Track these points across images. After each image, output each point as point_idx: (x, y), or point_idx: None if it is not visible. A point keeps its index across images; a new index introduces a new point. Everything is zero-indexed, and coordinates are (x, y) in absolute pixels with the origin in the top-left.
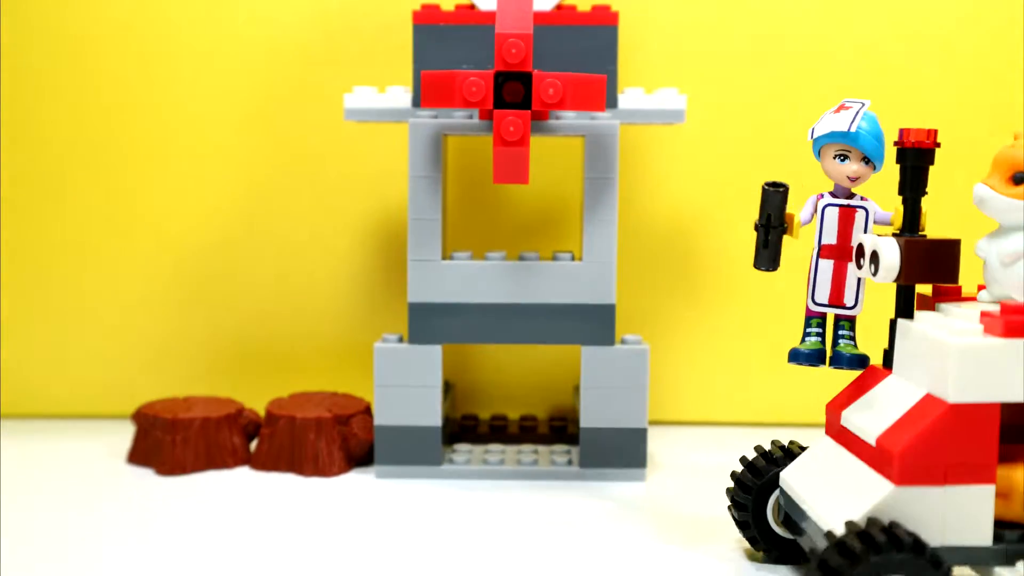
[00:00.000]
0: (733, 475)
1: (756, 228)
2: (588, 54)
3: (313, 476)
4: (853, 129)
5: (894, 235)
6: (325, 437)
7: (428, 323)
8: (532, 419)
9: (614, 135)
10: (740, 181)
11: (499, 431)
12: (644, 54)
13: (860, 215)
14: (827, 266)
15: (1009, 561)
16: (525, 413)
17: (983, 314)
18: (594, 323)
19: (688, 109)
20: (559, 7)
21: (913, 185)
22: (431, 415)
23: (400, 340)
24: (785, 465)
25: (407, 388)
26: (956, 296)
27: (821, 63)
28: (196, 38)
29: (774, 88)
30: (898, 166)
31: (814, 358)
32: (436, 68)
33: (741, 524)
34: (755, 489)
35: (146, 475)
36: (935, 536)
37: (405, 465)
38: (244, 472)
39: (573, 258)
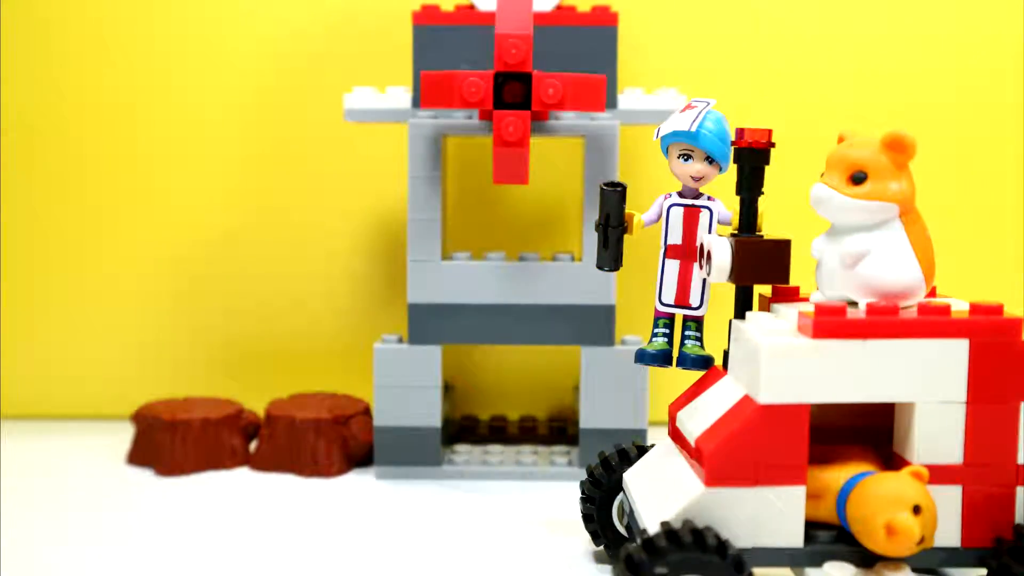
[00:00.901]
0: (588, 469)
1: (596, 228)
2: (588, 54)
3: (312, 477)
4: (694, 129)
5: (732, 235)
6: (324, 438)
7: (428, 323)
8: (532, 420)
9: (614, 135)
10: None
11: (499, 432)
12: (644, 54)
13: (704, 215)
14: (673, 266)
15: (817, 562)
16: (525, 414)
17: (800, 315)
18: (594, 323)
19: None
20: (559, 7)
21: (750, 185)
22: (431, 416)
23: (400, 340)
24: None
25: (407, 389)
26: (794, 297)
27: (821, 63)
28: (196, 38)
29: (773, 88)
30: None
31: (659, 359)
32: (436, 68)
33: (586, 517)
34: (604, 485)
35: (146, 476)
36: (746, 537)
37: (405, 466)
38: (243, 473)
39: (573, 259)
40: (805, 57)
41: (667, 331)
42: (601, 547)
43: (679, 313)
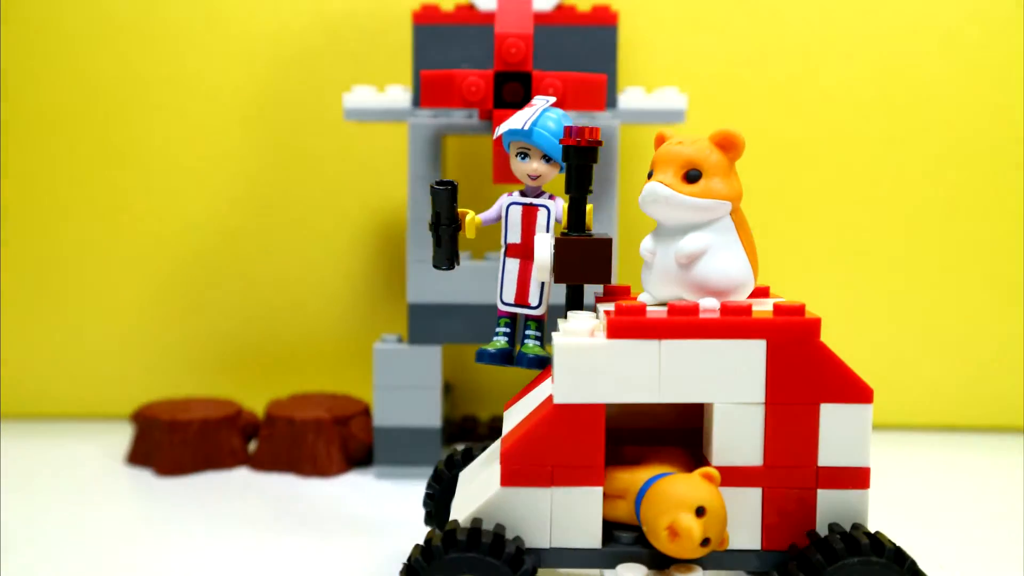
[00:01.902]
0: (436, 467)
1: (429, 228)
2: (588, 54)
3: (312, 477)
4: (527, 127)
5: (563, 234)
6: (324, 438)
7: (428, 323)
8: None
9: (614, 135)
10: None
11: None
12: (644, 54)
13: (542, 214)
14: (513, 266)
15: (612, 563)
16: None
17: (605, 315)
18: None
19: (688, 109)
20: (559, 7)
21: (578, 184)
22: (431, 416)
23: (400, 340)
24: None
25: (407, 389)
26: (625, 296)
27: (821, 63)
28: (195, 38)
29: (774, 88)
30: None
31: (498, 358)
32: (436, 68)
33: (427, 516)
34: (444, 482)
35: (145, 476)
36: (543, 538)
37: (405, 466)
38: (243, 473)
39: None
40: (805, 56)
41: (508, 330)
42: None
43: (519, 312)
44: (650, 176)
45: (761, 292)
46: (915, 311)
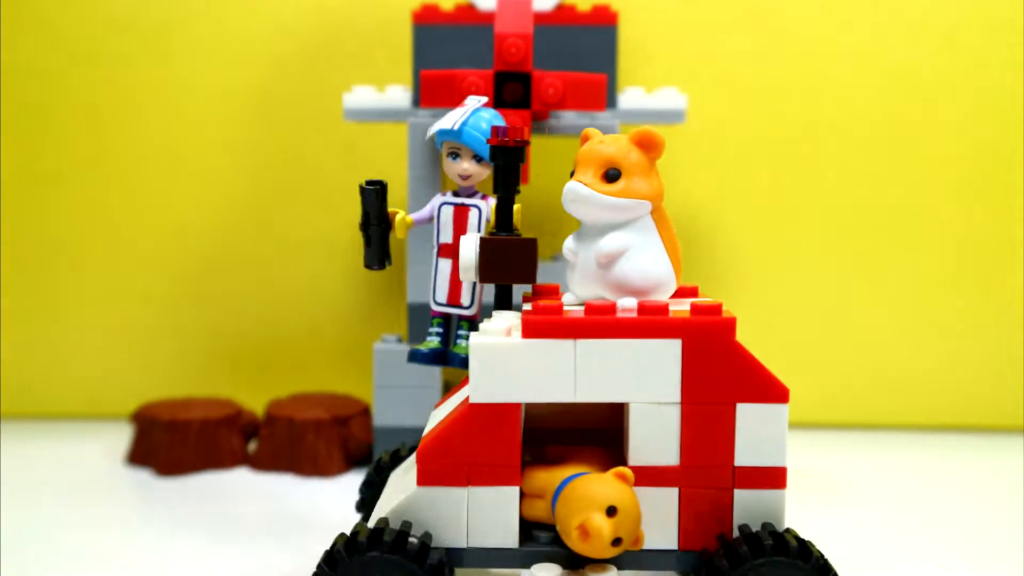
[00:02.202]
0: (367, 473)
1: (359, 228)
2: (588, 54)
3: (312, 477)
4: (456, 127)
5: (491, 234)
6: (324, 438)
7: (428, 323)
8: None
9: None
10: (740, 181)
11: None
12: (644, 54)
13: (473, 214)
14: (445, 266)
15: (528, 563)
16: None
17: (523, 313)
18: None
19: (688, 109)
20: (559, 7)
21: (505, 184)
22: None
23: (399, 340)
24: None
25: (406, 389)
26: (553, 295)
27: (821, 63)
28: (195, 37)
29: (774, 88)
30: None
31: (429, 358)
32: (436, 68)
33: (363, 517)
34: (375, 483)
35: (145, 476)
36: (460, 537)
37: None
38: (243, 473)
39: None
40: (806, 56)
41: (441, 330)
42: None
43: (452, 313)
44: (572, 175)
45: (689, 292)
46: (915, 311)
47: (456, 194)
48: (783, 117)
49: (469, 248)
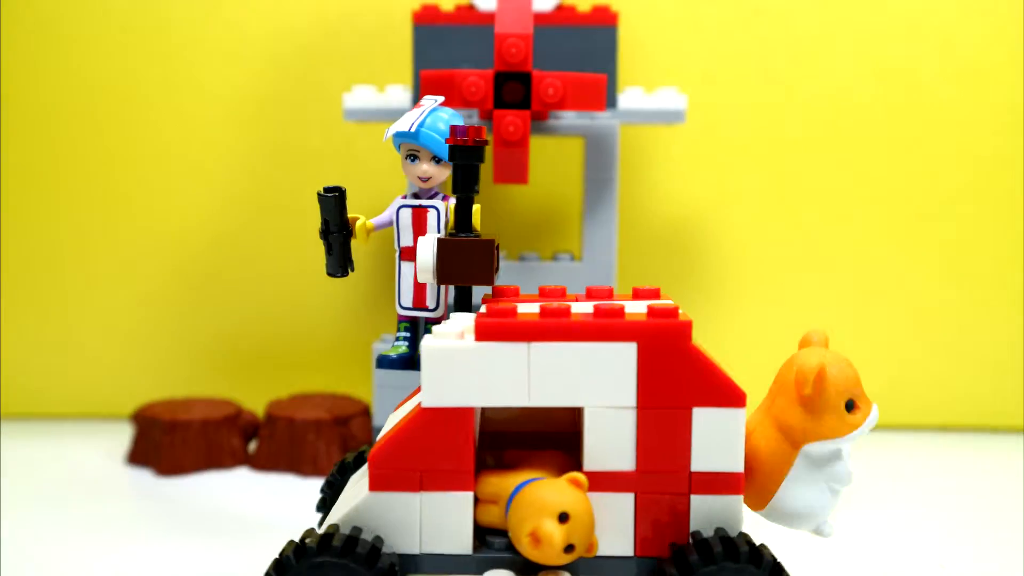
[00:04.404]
0: (329, 475)
1: (319, 236)
2: (588, 54)
3: (312, 477)
4: (413, 129)
5: (449, 234)
6: (324, 438)
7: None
8: None
9: (614, 135)
10: (740, 181)
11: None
12: (644, 54)
13: (432, 215)
14: (408, 269)
15: (481, 569)
16: None
17: (477, 316)
18: None
19: (688, 109)
20: (559, 7)
21: (464, 184)
22: None
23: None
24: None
25: (407, 389)
26: (513, 297)
27: (821, 63)
28: (195, 37)
29: (774, 88)
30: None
31: (398, 363)
32: (436, 68)
33: (320, 514)
34: (337, 484)
35: (145, 476)
36: (413, 543)
37: None
38: (243, 473)
39: (573, 258)
40: (805, 56)
41: (408, 335)
42: None
43: (418, 316)
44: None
45: (651, 294)
46: (915, 311)
47: (416, 196)
48: (783, 117)
49: (427, 250)
